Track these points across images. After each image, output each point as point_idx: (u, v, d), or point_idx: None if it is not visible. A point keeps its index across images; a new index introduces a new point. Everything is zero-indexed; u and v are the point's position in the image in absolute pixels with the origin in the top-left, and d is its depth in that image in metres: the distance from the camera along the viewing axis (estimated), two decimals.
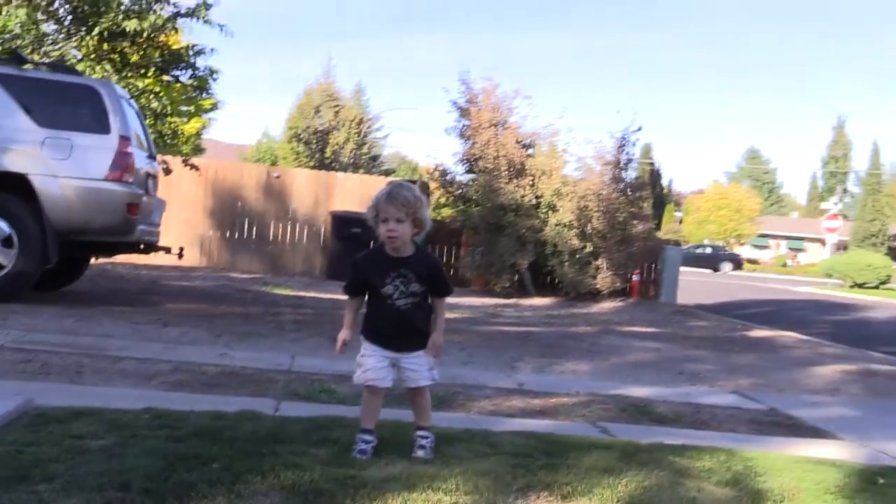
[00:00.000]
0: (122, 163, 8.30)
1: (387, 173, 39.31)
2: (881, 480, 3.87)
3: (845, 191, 78.65)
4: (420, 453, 3.73)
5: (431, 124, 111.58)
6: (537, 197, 15.99)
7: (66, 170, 8.20)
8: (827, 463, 4.22)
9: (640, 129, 16.38)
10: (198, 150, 31.71)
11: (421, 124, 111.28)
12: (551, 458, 3.77)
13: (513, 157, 15.85)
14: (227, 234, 17.63)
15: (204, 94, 21.23)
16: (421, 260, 3.85)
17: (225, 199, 17.74)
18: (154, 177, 9.55)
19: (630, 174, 16.31)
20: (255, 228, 17.78)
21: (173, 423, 3.99)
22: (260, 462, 3.32)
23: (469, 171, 16.55)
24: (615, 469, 3.67)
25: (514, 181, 15.72)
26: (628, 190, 16.41)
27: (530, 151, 16.45)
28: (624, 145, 16.35)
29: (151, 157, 9.69)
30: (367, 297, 3.86)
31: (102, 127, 8.36)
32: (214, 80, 17.23)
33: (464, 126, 16.54)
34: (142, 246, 9.11)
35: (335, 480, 3.18)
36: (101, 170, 8.26)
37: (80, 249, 8.97)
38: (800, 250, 73.01)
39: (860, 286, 36.25)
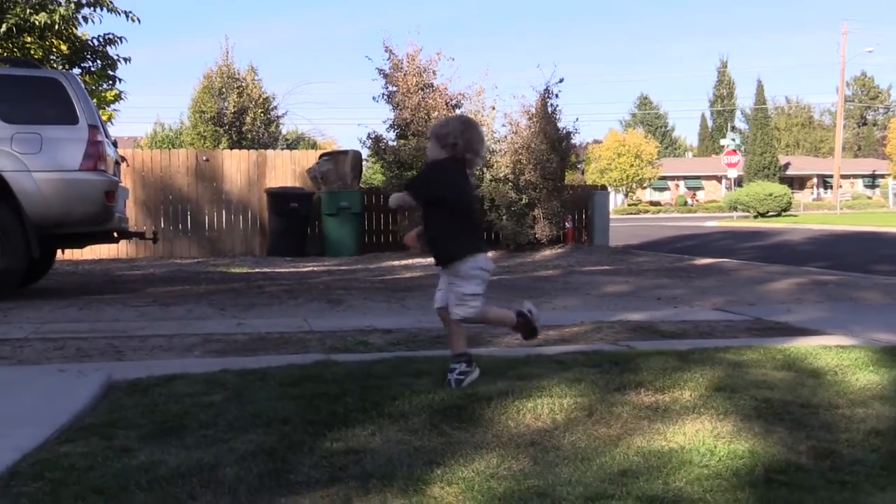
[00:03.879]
0: (94, 152, 8.32)
1: (290, 148, 39.14)
2: None
3: (733, 128, 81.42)
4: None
5: (345, 95, 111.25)
6: None
7: (39, 164, 8.17)
8: (846, 347, 4.75)
9: (561, 80, 16.84)
10: None
11: (337, 96, 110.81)
12: (623, 366, 4.18)
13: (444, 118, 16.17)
14: (162, 223, 17.48)
15: (107, 86, 20.89)
16: None
17: (155, 187, 17.56)
18: (118, 164, 9.56)
19: (559, 124, 16.69)
20: (189, 214, 17.66)
21: (262, 376, 4.24)
22: (384, 392, 3.63)
23: (401, 137, 16.78)
24: (683, 367, 4.11)
25: None
26: (556, 141, 16.86)
27: (460, 111, 16.77)
28: (548, 98, 16.80)
29: (114, 144, 9.68)
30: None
31: (70, 118, 8.34)
32: (115, 69, 17.10)
33: (391, 92, 16.75)
34: (115, 234, 9.13)
35: (461, 398, 3.52)
36: (75, 161, 8.26)
37: (59, 242, 8.97)
38: (698, 188, 75.53)
39: (763, 215, 37.97)
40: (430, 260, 4.21)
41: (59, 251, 10.69)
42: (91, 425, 3.44)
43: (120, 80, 18.33)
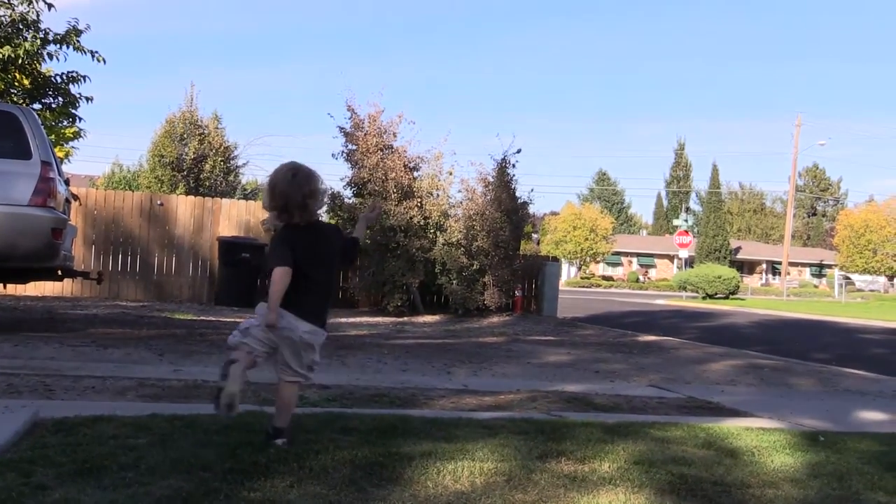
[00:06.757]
0: (45, 188, 8.30)
1: (246, 198, 39.18)
2: (821, 438, 4.54)
3: (688, 209, 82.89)
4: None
5: (305, 150, 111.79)
6: (425, 218, 16.50)
7: None
8: (769, 430, 4.87)
9: (519, 150, 17.16)
10: None
11: (296, 150, 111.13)
12: (549, 435, 4.25)
13: (401, 179, 16.33)
14: (110, 263, 17.31)
15: (67, 123, 20.78)
16: None
17: (106, 227, 17.44)
18: (69, 202, 9.53)
19: (515, 193, 16.94)
20: (138, 256, 17.53)
21: (191, 423, 4.24)
22: (309, 446, 3.66)
23: (358, 195, 16.89)
24: (607, 440, 4.18)
25: (404, 203, 16.18)
26: (511, 210, 17.08)
27: (417, 174, 16.97)
28: (505, 167, 17.08)
29: (66, 182, 9.66)
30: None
31: (24, 153, 8.33)
32: (76, 107, 17.07)
33: (351, 150, 16.89)
34: (60, 272, 9.06)
35: (384, 455, 3.56)
36: (25, 195, 8.23)
37: (1, 276, 8.87)
38: (650, 266, 76.53)
39: (712, 297, 38.54)
40: (377, 319, 4.28)
41: (0, 286, 10.56)
42: (10, 461, 3.41)
43: (80, 118, 18.25)
